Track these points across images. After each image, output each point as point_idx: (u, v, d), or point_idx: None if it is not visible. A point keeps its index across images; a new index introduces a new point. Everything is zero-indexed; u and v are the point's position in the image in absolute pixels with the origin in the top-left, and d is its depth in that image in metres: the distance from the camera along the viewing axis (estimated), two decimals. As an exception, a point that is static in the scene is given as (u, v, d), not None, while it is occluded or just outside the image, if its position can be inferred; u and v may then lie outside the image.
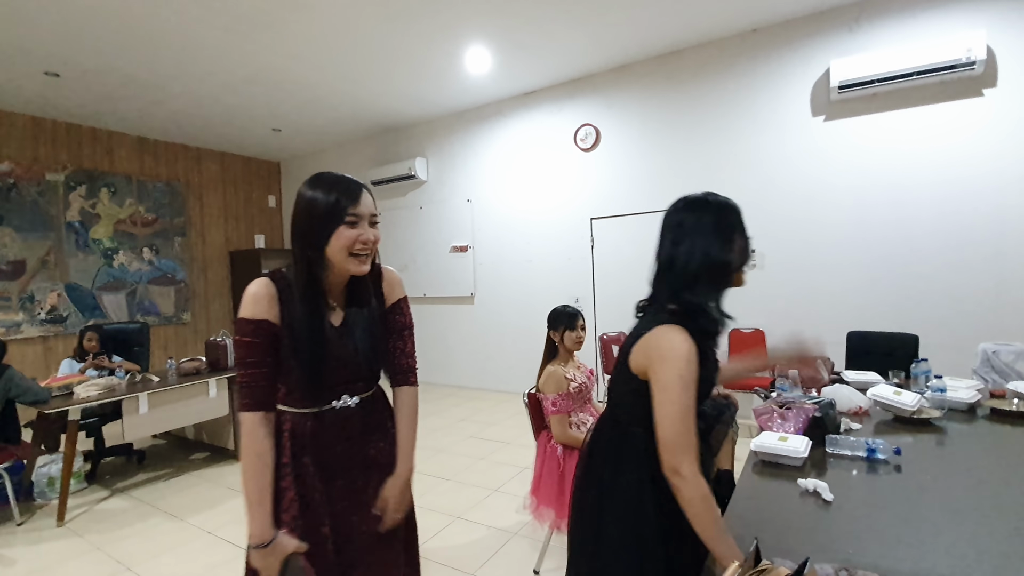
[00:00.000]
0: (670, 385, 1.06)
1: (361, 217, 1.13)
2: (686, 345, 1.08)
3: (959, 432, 1.90)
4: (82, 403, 3.13)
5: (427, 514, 2.96)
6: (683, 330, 1.10)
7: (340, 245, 1.11)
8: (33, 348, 5.42)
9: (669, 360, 1.07)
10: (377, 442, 1.29)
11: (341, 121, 6.28)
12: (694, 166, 4.66)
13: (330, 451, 1.20)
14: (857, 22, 3.94)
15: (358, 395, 1.25)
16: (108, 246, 6.05)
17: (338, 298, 1.23)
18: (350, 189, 1.13)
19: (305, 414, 1.19)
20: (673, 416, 1.05)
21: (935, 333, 3.58)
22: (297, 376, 1.15)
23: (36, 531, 3.02)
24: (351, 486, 1.23)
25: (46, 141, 5.57)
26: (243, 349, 1.11)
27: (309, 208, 1.11)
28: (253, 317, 1.10)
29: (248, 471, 1.10)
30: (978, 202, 3.62)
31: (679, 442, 1.03)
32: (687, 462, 1.03)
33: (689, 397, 1.06)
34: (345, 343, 1.20)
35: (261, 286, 1.13)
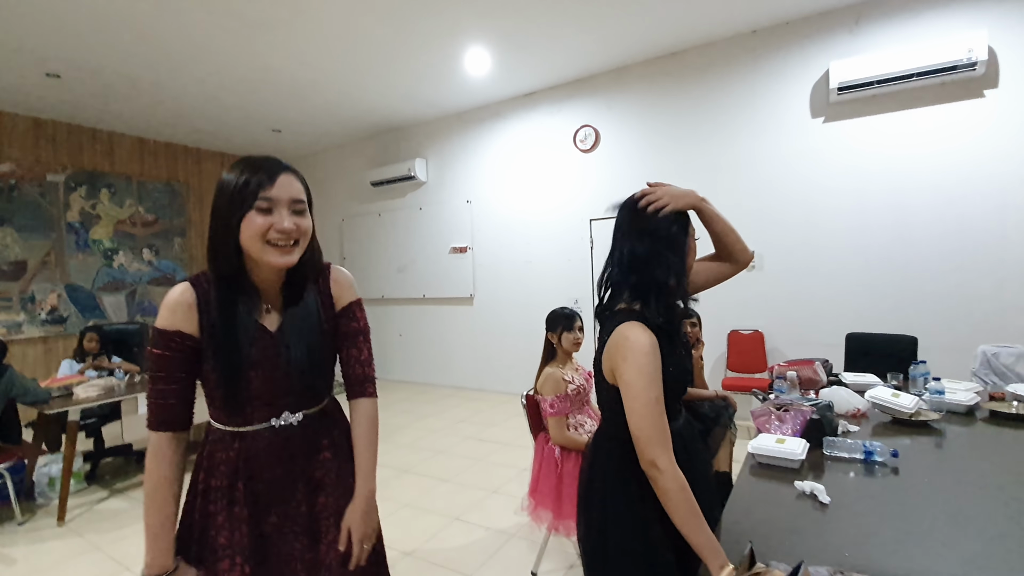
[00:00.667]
0: (633, 380, 1.06)
1: (276, 202, 0.98)
2: (644, 337, 1.07)
3: (957, 435, 1.90)
4: (81, 404, 3.14)
5: (425, 516, 2.96)
6: (639, 324, 1.10)
7: (251, 233, 0.97)
8: (34, 348, 5.43)
9: (629, 356, 1.07)
10: (324, 463, 1.14)
11: (341, 122, 6.29)
12: (694, 167, 4.66)
13: (267, 474, 1.07)
14: (857, 23, 3.94)
15: (301, 410, 1.11)
16: (108, 247, 6.06)
17: (274, 300, 1.09)
18: (264, 169, 0.98)
19: (237, 433, 1.06)
20: (640, 411, 1.04)
21: (934, 335, 3.57)
22: (220, 388, 1.02)
23: (37, 531, 3.03)
24: (293, 512, 1.09)
25: (47, 142, 5.58)
26: (153, 363, 1.00)
27: (220, 191, 0.98)
28: (164, 327, 0.99)
29: (149, 496, 0.99)
30: (979, 204, 3.61)
31: (650, 435, 1.03)
32: (661, 454, 1.02)
33: (654, 389, 1.05)
34: (280, 351, 1.06)
35: (177, 292, 1.00)
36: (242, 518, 1.04)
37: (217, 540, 1.04)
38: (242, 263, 1.02)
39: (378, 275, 6.93)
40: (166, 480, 1.00)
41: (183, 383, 1.01)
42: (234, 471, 1.05)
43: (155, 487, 1.00)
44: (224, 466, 1.05)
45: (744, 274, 4.90)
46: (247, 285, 1.05)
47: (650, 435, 1.03)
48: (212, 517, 1.05)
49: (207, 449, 1.08)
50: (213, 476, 1.06)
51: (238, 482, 1.05)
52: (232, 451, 1.06)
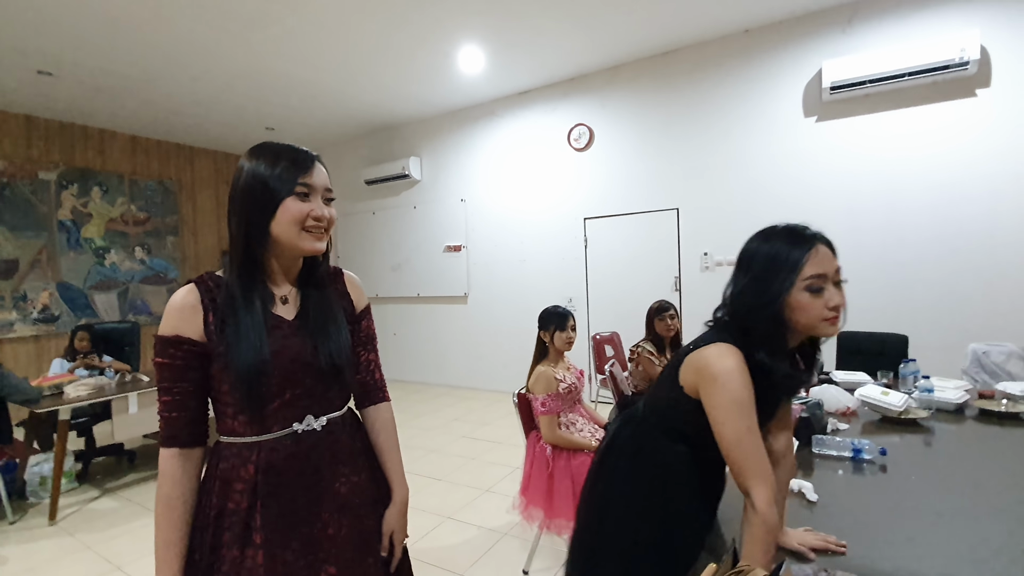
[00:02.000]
0: (723, 407, 1.00)
1: (314, 189, 0.96)
2: (737, 366, 1.00)
3: (946, 433, 1.91)
4: (72, 403, 3.12)
5: (418, 514, 2.96)
6: (736, 351, 1.02)
7: (289, 219, 0.93)
8: (25, 347, 5.40)
9: (720, 382, 1.00)
10: (349, 476, 1.06)
11: (335, 120, 6.27)
12: (687, 166, 4.67)
13: (289, 491, 0.97)
14: (849, 23, 3.95)
15: (325, 415, 1.03)
16: (100, 245, 6.02)
17: (289, 290, 1.04)
18: (301, 157, 0.96)
19: (255, 444, 0.96)
20: (731, 441, 0.99)
21: (925, 333, 3.59)
22: (238, 390, 0.93)
23: (28, 530, 3.01)
24: (320, 535, 1.00)
25: (39, 139, 5.54)
26: (156, 373, 0.94)
27: (251, 178, 0.93)
28: (164, 334, 0.93)
29: (157, 518, 0.92)
30: (970, 203, 3.63)
31: (743, 467, 0.98)
32: (755, 488, 0.97)
33: (746, 419, 0.99)
34: (303, 339, 0.99)
35: (181, 295, 0.95)
36: (259, 545, 0.94)
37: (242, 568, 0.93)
38: (263, 251, 0.98)
39: (372, 274, 6.91)
40: (170, 499, 0.92)
41: (187, 394, 0.93)
42: (252, 489, 0.95)
43: (161, 507, 0.92)
44: (240, 484, 0.95)
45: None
46: (261, 276, 0.99)
47: (743, 467, 0.98)
48: (226, 547, 0.94)
49: (218, 470, 0.97)
50: (228, 499, 0.95)
51: (257, 501, 0.95)
52: (250, 465, 0.95)
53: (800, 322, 1.01)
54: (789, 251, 1.01)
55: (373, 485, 1.12)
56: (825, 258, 1.01)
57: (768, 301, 1.00)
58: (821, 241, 1.03)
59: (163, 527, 0.92)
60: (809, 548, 1.11)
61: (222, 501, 0.95)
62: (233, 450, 0.97)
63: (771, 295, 1.00)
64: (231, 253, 0.97)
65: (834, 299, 1.00)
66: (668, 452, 1.16)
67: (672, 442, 1.16)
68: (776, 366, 1.01)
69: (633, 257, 5.00)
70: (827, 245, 1.03)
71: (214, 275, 0.99)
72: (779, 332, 1.02)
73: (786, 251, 1.01)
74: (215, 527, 0.94)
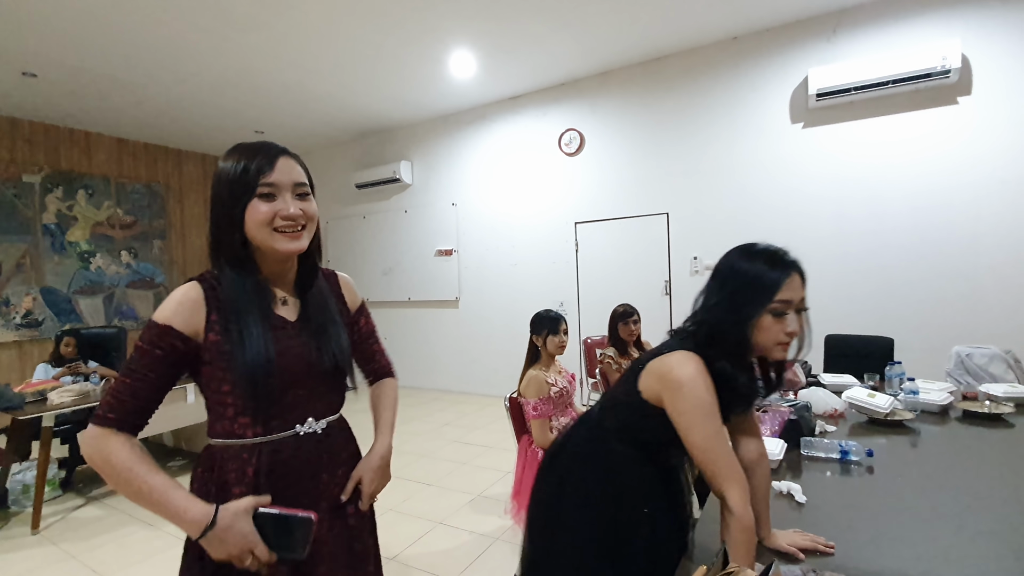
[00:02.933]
0: (689, 413, 1.03)
1: (279, 187, 0.93)
2: (699, 372, 1.04)
3: (931, 434, 1.94)
4: (56, 409, 3.07)
5: (409, 520, 2.94)
6: (697, 358, 1.06)
7: (256, 221, 0.91)
8: (8, 353, 5.30)
9: (685, 389, 1.04)
10: (343, 479, 1.07)
11: (325, 124, 6.25)
12: (677, 171, 4.71)
13: (290, 492, 0.96)
14: (835, 32, 4.02)
15: (324, 417, 1.04)
16: (85, 249, 5.94)
17: (289, 291, 1.04)
18: (262, 153, 0.93)
19: (256, 446, 0.95)
20: (701, 445, 1.02)
21: (910, 336, 3.64)
22: (242, 390, 0.91)
23: (10, 539, 2.95)
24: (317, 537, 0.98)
25: (23, 142, 5.46)
26: (133, 353, 0.90)
27: (218, 181, 0.93)
28: (157, 320, 0.89)
29: (126, 484, 0.84)
30: (953, 208, 3.70)
31: (714, 470, 1.02)
32: (728, 490, 1.00)
33: (713, 423, 1.03)
34: (306, 340, 0.99)
35: (183, 290, 0.93)
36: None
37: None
38: (249, 254, 0.96)
39: (363, 278, 6.88)
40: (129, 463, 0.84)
41: (150, 385, 0.88)
42: (255, 491, 0.92)
43: (124, 471, 0.83)
44: (238, 488, 0.92)
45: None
46: (257, 277, 0.97)
47: (715, 470, 1.01)
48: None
49: (215, 473, 0.94)
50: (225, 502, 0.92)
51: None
52: (250, 467, 0.93)
53: (758, 342, 1.06)
54: (768, 273, 1.05)
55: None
56: (796, 285, 1.05)
57: (742, 318, 1.05)
58: (796, 269, 1.07)
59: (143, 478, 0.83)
60: (798, 549, 1.12)
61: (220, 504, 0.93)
62: (231, 452, 0.95)
63: (745, 313, 1.04)
64: (215, 260, 0.96)
65: (792, 325, 1.04)
66: (621, 456, 1.19)
67: (625, 446, 1.19)
68: (737, 376, 1.06)
69: (624, 261, 5.03)
70: (801, 274, 1.07)
71: (216, 274, 0.97)
72: (743, 347, 1.06)
73: (765, 273, 1.05)
74: None
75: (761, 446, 1.24)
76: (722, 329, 1.06)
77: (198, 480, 0.97)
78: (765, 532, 1.16)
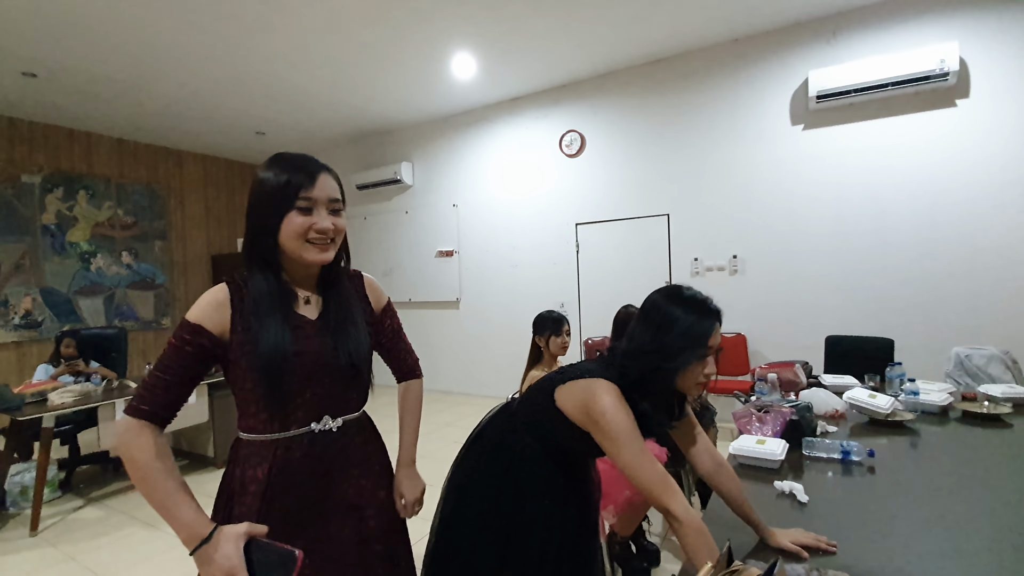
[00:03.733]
0: (613, 439, 1.09)
1: (316, 202, 0.98)
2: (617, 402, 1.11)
3: (931, 434, 1.95)
4: (56, 410, 3.06)
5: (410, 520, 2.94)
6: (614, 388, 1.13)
7: (291, 233, 0.97)
8: (7, 354, 5.29)
9: (606, 418, 1.09)
10: (358, 479, 1.10)
11: (326, 125, 6.25)
12: (678, 173, 4.72)
13: (298, 492, 1.00)
14: (835, 34, 4.04)
15: (341, 416, 1.07)
16: (85, 249, 5.93)
17: (311, 289, 1.08)
18: (305, 169, 0.98)
19: (273, 442, 0.99)
20: (630, 466, 1.07)
21: (910, 337, 3.66)
22: (259, 385, 0.96)
23: (8, 541, 2.94)
24: (323, 535, 1.03)
25: (22, 142, 5.45)
26: (166, 349, 0.96)
27: (259, 190, 0.98)
28: (191, 320, 0.96)
29: (143, 481, 0.87)
30: (952, 210, 3.71)
31: (652, 486, 1.05)
32: (668, 502, 1.03)
33: (636, 444, 1.08)
34: (324, 339, 1.03)
35: (214, 291, 0.99)
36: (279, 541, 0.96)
37: None
38: (277, 257, 1.02)
39: (363, 279, 6.87)
40: (152, 462, 0.88)
41: (181, 379, 0.94)
42: (263, 491, 0.98)
43: (145, 469, 0.87)
44: (253, 486, 0.98)
45: (727, 278, 4.95)
46: (282, 277, 1.03)
47: (652, 486, 1.05)
48: None
49: (238, 470, 1.00)
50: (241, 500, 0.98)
51: (264, 505, 0.97)
52: (265, 464, 0.98)
53: (681, 383, 1.14)
54: (700, 323, 1.12)
55: (381, 487, 1.17)
56: (718, 332, 1.14)
57: (675, 367, 1.11)
58: (719, 317, 1.15)
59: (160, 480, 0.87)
60: (801, 547, 1.12)
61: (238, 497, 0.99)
62: (252, 448, 1.01)
63: (680, 361, 1.11)
64: (246, 262, 1.02)
65: (710, 368, 1.14)
66: (530, 449, 1.28)
67: (533, 440, 1.28)
68: (656, 415, 1.15)
69: (624, 262, 5.03)
70: (720, 321, 1.16)
71: (243, 276, 1.03)
72: (667, 389, 1.15)
73: (697, 323, 1.12)
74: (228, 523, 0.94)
75: (714, 454, 1.28)
76: (654, 374, 1.12)
77: (227, 467, 1.04)
78: (764, 533, 1.18)
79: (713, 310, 1.14)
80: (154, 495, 0.87)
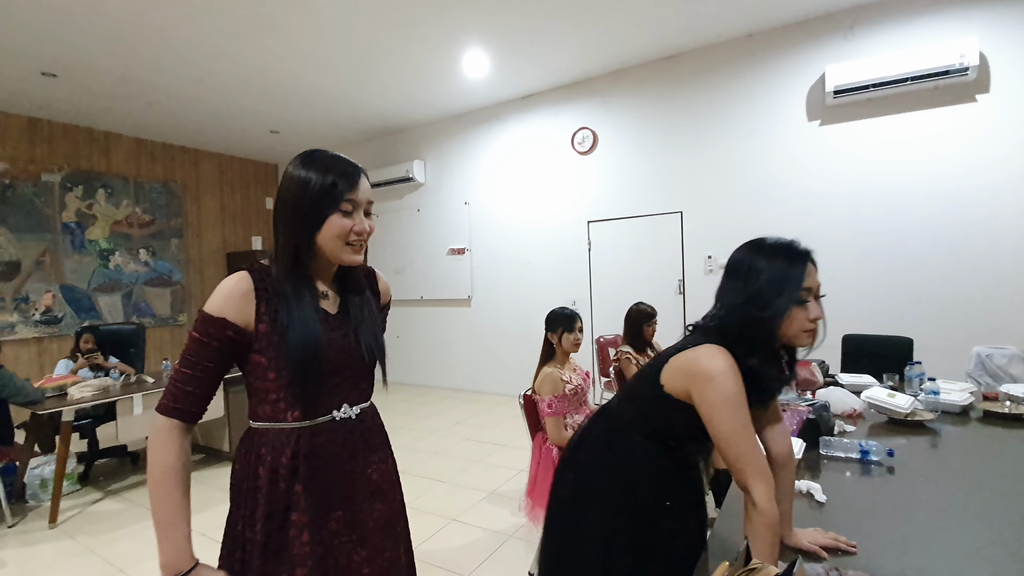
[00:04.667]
0: (717, 405, 1.03)
1: (358, 204, 1.00)
2: (730, 365, 1.04)
3: (952, 434, 1.91)
4: (76, 404, 3.12)
5: (423, 516, 2.95)
6: (726, 351, 1.06)
7: (333, 234, 0.98)
8: (27, 349, 5.40)
9: (715, 381, 1.03)
10: (379, 464, 1.13)
11: (339, 123, 6.29)
12: (691, 170, 4.68)
13: (329, 475, 1.02)
14: (852, 28, 3.98)
15: (358, 404, 1.09)
16: (104, 247, 6.03)
17: (330, 286, 1.09)
18: (348, 172, 0.99)
19: (297, 429, 1.00)
20: (727, 437, 1.01)
21: (930, 336, 3.60)
22: (288, 375, 0.98)
23: (28, 533, 3.00)
24: (354, 518, 1.05)
25: (42, 141, 5.55)
26: (188, 345, 0.96)
27: (301, 190, 0.97)
28: (211, 312, 0.95)
29: (155, 487, 0.92)
30: (972, 206, 3.64)
31: (740, 464, 1.01)
32: (755, 485, 0.99)
33: (741, 416, 1.02)
34: (345, 332, 1.05)
35: (234, 280, 0.97)
36: (303, 525, 0.98)
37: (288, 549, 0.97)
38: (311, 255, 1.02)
39: (375, 277, 6.91)
40: (172, 469, 0.93)
41: (209, 373, 0.96)
42: (291, 474, 0.99)
43: (162, 476, 0.92)
44: (283, 469, 0.98)
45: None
46: (308, 273, 1.04)
47: (740, 465, 1.01)
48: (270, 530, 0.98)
49: (257, 455, 1.00)
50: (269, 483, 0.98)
51: (296, 485, 0.99)
52: (288, 450, 0.99)
53: (786, 333, 1.07)
54: (790, 268, 1.06)
55: (394, 470, 1.20)
56: (812, 273, 1.08)
57: (772, 315, 1.05)
58: (810, 257, 1.09)
59: (166, 492, 0.92)
60: (820, 547, 1.11)
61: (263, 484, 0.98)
62: (271, 436, 1.00)
63: (776, 309, 1.05)
64: (279, 259, 1.01)
65: (815, 311, 1.06)
66: (639, 449, 1.20)
67: (644, 438, 1.19)
68: (767, 371, 1.07)
69: (637, 260, 5.01)
70: (813, 261, 1.09)
71: (263, 265, 1.03)
72: (771, 341, 1.08)
73: (788, 269, 1.06)
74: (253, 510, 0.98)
75: (789, 444, 1.23)
76: (753, 326, 1.06)
77: (240, 460, 1.03)
78: (786, 531, 1.16)
79: (802, 252, 1.08)
80: (158, 508, 0.91)
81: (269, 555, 0.96)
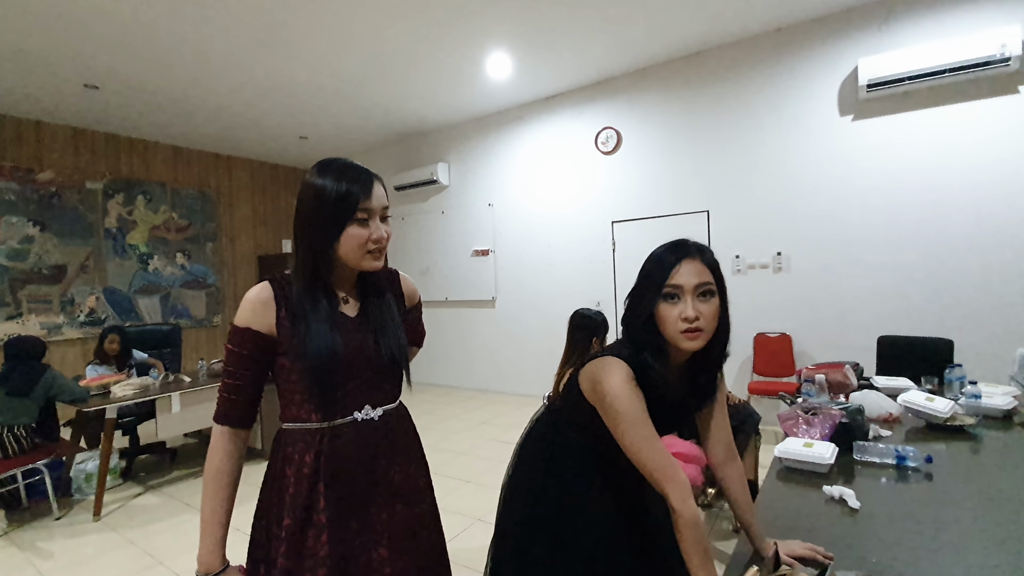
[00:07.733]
0: (616, 422, 1.03)
1: (373, 212, 1.02)
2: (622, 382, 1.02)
3: (994, 440, 1.84)
4: (118, 402, 3.24)
5: (448, 516, 2.95)
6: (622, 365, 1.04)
7: (352, 245, 1.00)
8: (72, 349, 5.65)
9: (608, 399, 1.03)
10: (403, 465, 1.13)
11: (365, 128, 6.40)
12: (717, 169, 4.61)
13: (349, 475, 1.04)
14: (886, 19, 3.85)
15: (380, 406, 1.10)
16: (144, 251, 6.27)
17: (350, 290, 1.11)
18: (361, 180, 1.00)
19: (319, 430, 1.03)
20: (632, 451, 1.01)
21: (971, 338, 3.46)
22: (308, 379, 1.01)
23: (73, 525, 3.13)
24: (375, 518, 1.06)
25: (86, 151, 5.81)
26: (225, 358, 1.04)
27: (316, 201, 0.99)
28: (238, 324, 1.01)
29: (205, 487, 1.01)
30: (1014, 201, 3.48)
31: (650, 473, 1.00)
32: (669, 490, 0.98)
33: (640, 430, 1.01)
34: (365, 335, 1.08)
35: (256, 291, 1.02)
36: (322, 525, 1.00)
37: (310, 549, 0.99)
38: (330, 265, 1.06)
39: (401, 278, 7.00)
40: (219, 471, 1.01)
41: (248, 380, 1.03)
42: (313, 473, 1.02)
43: (210, 476, 1.01)
44: (306, 468, 1.02)
45: (770, 275, 4.80)
46: (327, 280, 1.07)
47: (653, 471, 0.99)
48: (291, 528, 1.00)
49: (283, 454, 1.04)
50: (293, 482, 1.01)
51: (319, 484, 1.01)
52: (313, 450, 1.02)
53: (666, 335, 1.03)
54: (653, 266, 1.05)
55: (422, 473, 1.20)
56: (691, 270, 1.02)
57: (641, 311, 1.04)
58: (696, 253, 1.05)
59: (210, 492, 1.01)
60: (797, 559, 1.06)
61: (288, 483, 1.02)
62: (297, 436, 1.04)
63: (644, 305, 1.04)
64: (297, 269, 1.04)
65: (686, 311, 1.00)
66: (571, 442, 1.23)
67: (576, 433, 1.23)
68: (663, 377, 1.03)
69: (662, 261, 4.94)
70: (702, 258, 1.04)
71: (285, 274, 1.07)
72: (656, 342, 1.04)
73: (651, 266, 1.05)
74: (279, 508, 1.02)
75: (729, 446, 1.21)
76: (633, 328, 1.06)
77: (272, 458, 1.09)
78: (759, 542, 1.12)
79: (683, 245, 1.05)
80: (203, 505, 1.01)
81: (291, 553, 0.99)
